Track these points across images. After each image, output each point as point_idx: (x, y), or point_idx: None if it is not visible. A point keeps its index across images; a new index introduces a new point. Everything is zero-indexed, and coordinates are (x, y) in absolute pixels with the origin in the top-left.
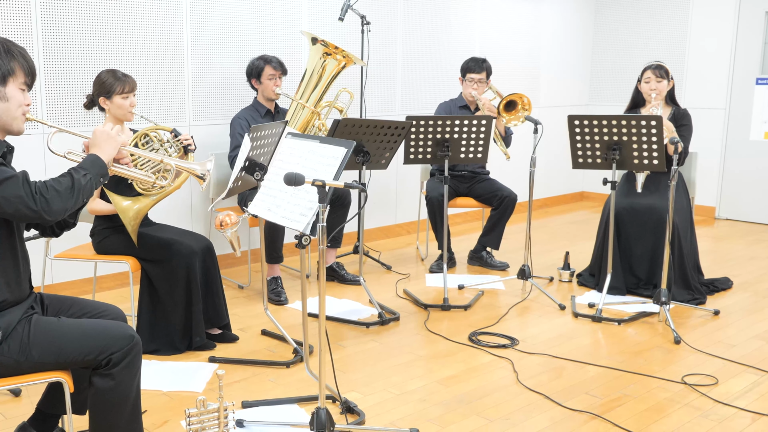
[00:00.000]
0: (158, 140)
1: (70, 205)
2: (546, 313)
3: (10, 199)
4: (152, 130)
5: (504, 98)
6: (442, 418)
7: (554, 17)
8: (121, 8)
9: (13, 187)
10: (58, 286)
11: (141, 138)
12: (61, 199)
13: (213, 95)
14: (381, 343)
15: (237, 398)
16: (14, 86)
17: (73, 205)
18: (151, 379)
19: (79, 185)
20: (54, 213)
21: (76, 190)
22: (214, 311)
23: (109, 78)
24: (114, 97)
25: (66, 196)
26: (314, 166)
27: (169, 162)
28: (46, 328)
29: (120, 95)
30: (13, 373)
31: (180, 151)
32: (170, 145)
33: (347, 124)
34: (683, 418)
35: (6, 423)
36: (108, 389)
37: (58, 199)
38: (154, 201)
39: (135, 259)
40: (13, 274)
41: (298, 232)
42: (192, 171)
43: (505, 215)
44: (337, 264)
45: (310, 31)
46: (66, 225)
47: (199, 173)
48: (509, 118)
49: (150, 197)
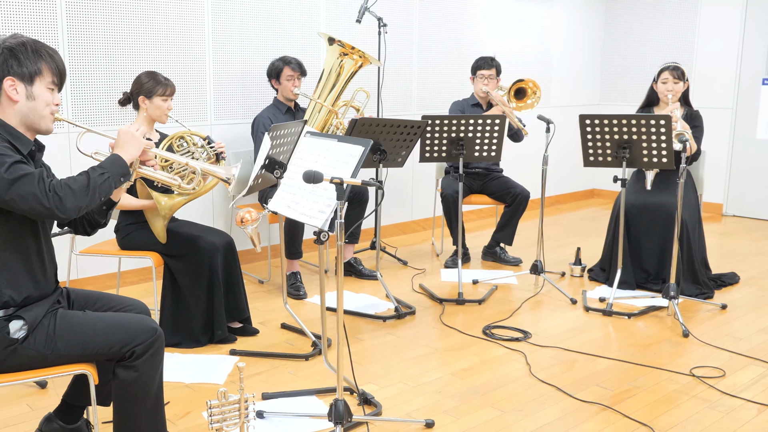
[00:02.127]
0: (192, 144)
1: (84, 203)
2: (558, 307)
3: (25, 197)
4: (187, 134)
5: (511, 86)
6: (457, 409)
7: (565, 19)
8: (146, 11)
9: (28, 185)
10: (83, 281)
11: (176, 140)
12: (75, 197)
13: (233, 95)
14: (397, 337)
15: (257, 390)
16: (42, 86)
17: (88, 203)
18: (173, 372)
19: (94, 184)
20: (67, 211)
21: (91, 189)
22: (235, 305)
23: (152, 80)
24: (154, 98)
25: (80, 195)
26: (332, 164)
27: (195, 165)
28: (71, 321)
29: (161, 97)
30: (40, 365)
31: (213, 157)
32: (203, 150)
33: (365, 123)
34: (691, 410)
35: (32, 414)
36: (132, 381)
37: (72, 197)
38: (186, 200)
39: (158, 255)
40: (38, 270)
41: (316, 229)
42: (217, 175)
43: (518, 212)
44: (355, 259)
45: (327, 32)
46: (97, 224)
47: (224, 177)
48: (521, 105)
49: (182, 196)
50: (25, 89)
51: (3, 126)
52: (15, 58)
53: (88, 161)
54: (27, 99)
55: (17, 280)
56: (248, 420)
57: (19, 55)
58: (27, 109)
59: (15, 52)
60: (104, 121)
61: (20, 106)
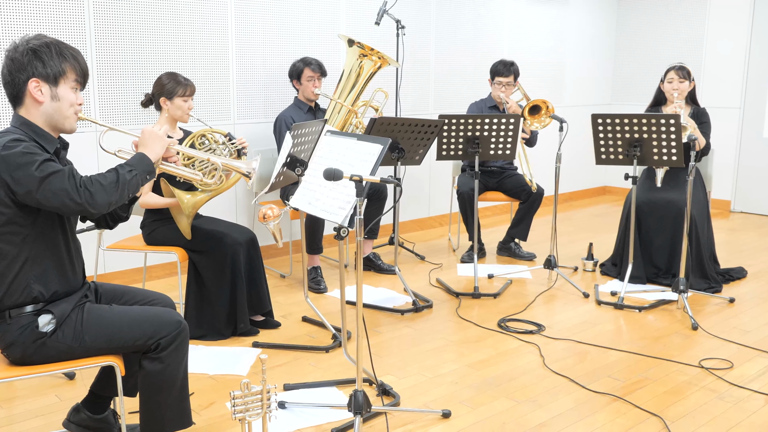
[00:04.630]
0: (213, 141)
1: (114, 199)
2: (571, 300)
3: (57, 193)
4: (208, 132)
5: (529, 103)
6: (473, 400)
7: (578, 21)
8: (170, 14)
9: (59, 181)
10: (110, 275)
11: (197, 138)
12: (105, 193)
13: (256, 95)
14: (415, 329)
15: (279, 381)
16: (66, 86)
17: (117, 199)
18: (197, 364)
19: (123, 180)
20: (98, 206)
21: (121, 185)
22: (257, 299)
23: (172, 81)
24: (175, 98)
25: (110, 191)
26: (352, 162)
27: (216, 161)
28: (98, 315)
29: (181, 97)
30: (68, 357)
31: (234, 153)
32: (225, 147)
33: (383, 122)
34: (700, 400)
35: (61, 404)
36: (157, 372)
37: (103, 193)
38: (209, 196)
39: (183, 250)
40: (66, 266)
41: (336, 225)
42: (238, 169)
43: (532, 208)
44: (374, 254)
45: (346, 34)
46: (119, 218)
47: (245, 171)
48: (532, 121)
49: (205, 193)
50: (50, 90)
51: (29, 125)
52: (39, 59)
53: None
54: (51, 100)
55: (46, 276)
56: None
57: (43, 56)
58: (51, 109)
59: (39, 54)
60: (131, 120)
61: (45, 107)
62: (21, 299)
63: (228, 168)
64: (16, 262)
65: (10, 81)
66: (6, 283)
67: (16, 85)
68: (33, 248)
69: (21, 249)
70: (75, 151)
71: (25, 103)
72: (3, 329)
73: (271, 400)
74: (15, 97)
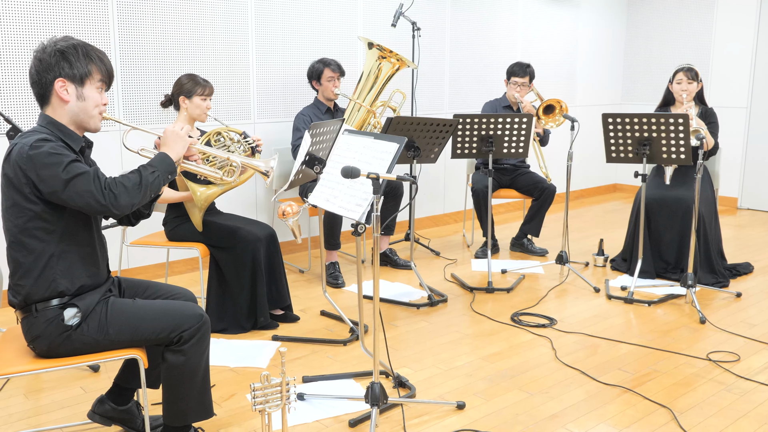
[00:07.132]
0: (229, 139)
1: (137, 200)
2: (582, 295)
3: (82, 194)
4: (224, 130)
5: (543, 102)
6: (487, 392)
7: (590, 23)
8: (192, 17)
9: (85, 183)
10: (134, 270)
11: (214, 136)
12: (128, 195)
13: (276, 95)
14: (430, 323)
15: (298, 373)
16: (91, 87)
17: (140, 200)
18: (219, 356)
19: (146, 182)
20: (121, 207)
21: (144, 186)
22: (277, 293)
23: (191, 81)
24: (194, 97)
25: (133, 192)
26: (369, 160)
27: (235, 159)
28: (122, 309)
29: (200, 96)
30: (92, 350)
31: (248, 150)
32: (240, 145)
33: (399, 121)
34: (708, 392)
35: (86, 396)
36: (179, 364)
37: (126, 194)
38: (221, 191)
39: (204, 246)
40: (91, 261)
41: (354, 221)
42: (257, 168)
43: (544, 205)
44: (390, 250)
45: (366, 36)
46: (141, 215)
47: (263, 170)
48: (546, 121)
49: (218, 187)
50: (76, 90)
51: (55, 125)
52: (66, 60)
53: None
54: (77, 99)
55: (72, 270)
56: (290, 402)
57: (70, 57)
58: (77, 108)
59: (66, 55)
60: (153, 119)
61: (71, 106)
62: (47, 293)
63: (247, 167)
64: (43, 257)
65: (37, 81)
66: (33, 277)
67: (44, 85)
68: (60, 244)
69: (48, 244)
70: (99, 149)
71: (52, 102)
72: (29, 322)
73: (290, 391)
74: (42, 96)
